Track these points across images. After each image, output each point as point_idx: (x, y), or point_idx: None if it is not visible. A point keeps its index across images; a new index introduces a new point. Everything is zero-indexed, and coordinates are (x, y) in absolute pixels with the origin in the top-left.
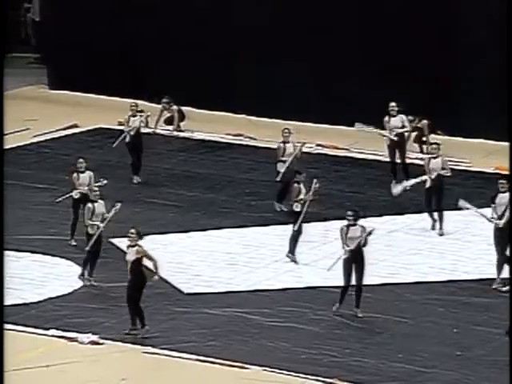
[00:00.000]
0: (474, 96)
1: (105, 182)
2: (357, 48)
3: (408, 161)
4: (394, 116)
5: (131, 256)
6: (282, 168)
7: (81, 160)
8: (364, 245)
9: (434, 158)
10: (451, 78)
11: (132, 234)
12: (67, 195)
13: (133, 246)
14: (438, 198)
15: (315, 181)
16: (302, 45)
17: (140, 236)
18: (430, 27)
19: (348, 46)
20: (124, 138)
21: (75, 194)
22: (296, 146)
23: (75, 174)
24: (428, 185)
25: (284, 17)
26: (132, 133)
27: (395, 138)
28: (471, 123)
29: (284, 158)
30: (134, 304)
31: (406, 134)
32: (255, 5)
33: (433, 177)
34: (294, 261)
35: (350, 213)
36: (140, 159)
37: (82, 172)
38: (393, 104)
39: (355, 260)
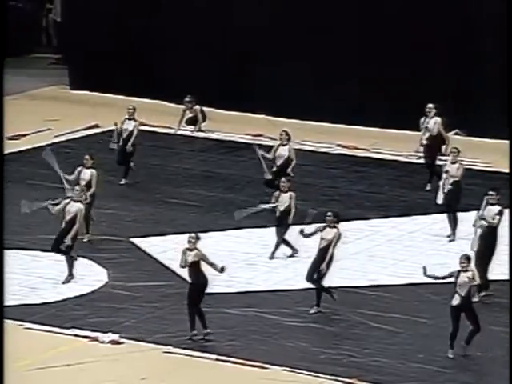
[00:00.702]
0: (494, 95)
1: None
2: (377, 49)
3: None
4: (432, 118)
5: (190, 259)
6: (266, 176)
7: (87, 157)
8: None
9: (453, 163)
10: (471, 78)
11: (192, 238)
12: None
13: (191, 250)
14: (454, 203)
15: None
16: (320, 45)
17: (198, 239)
18: (447, 25)
19: (370, 46)
20: (118, 141)
21: None
22: (291, 148)
23: (79, 168)
24: (445, 190)
25: (304, 16)
26: (124, 135)
27: (425, 142)
28: (490, 123)
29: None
30: (194, 307)
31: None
32: (277, 3)
33: (450, 182)
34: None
35: (329, 213)
36: (129, 162)
37: (87, 168)
38: (430, 105)
39: (323, 259)
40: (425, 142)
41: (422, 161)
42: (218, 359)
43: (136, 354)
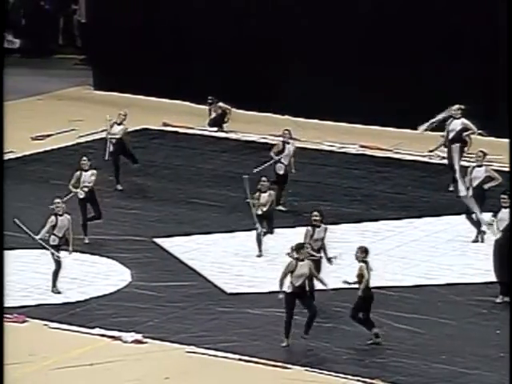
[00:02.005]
0: None
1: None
2: (401, 49)
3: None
4: (457, 119)
5: (304, 269)
6: (280, 170)
7: (84, 158)
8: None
9: (479, 166)
10: (492, 78)
11: (306, 248)
12: (71, 194)
13: (302, 260)
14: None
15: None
16: (343, 47)
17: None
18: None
19: (393, 46)
20: (109, 147)
21: (80, 194)
22: (292, 146)
23: (78, 172)
24: (470, 194)
25: (325, 18)
26: (113, 141)
27: (441, 142)
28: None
29: (278, 157)
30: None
31: (472, 136)
32: (299, 4)
33: (474, 185)
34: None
35: (316, 213)
36: (118, 167)
37: (86, 171)
38: (456, 106)
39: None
40: (447, 143)
41: (445, 161)
42: (240, 359)
43: (159, 353)
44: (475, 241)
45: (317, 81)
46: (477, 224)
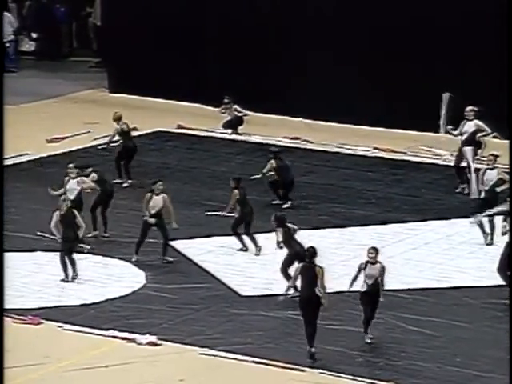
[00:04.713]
0: None
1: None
2: (419, 51)
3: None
4: (470, 120)
5: (375, 272)
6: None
7: (70, 166)
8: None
9: (491, 169)
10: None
11: (371, 252)
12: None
13: (374, 264)
14: (491, 207)
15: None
16: (357, 49)
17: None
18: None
19: (412, 49)
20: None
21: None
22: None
23: (66, 178)
24: (482, 196)
25: (340, 21)
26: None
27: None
28: None
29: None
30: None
31: (485, 138)
32: (313, 6)
33: (487, 188)
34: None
35: (371, 250)
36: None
37: (73, 178)
38: (469, 108)
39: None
40: (461, 145)
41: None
42: (254, 361)
43: (173, 355)
44: (489, 243)
45: (331, 83)
46: (489, 227)
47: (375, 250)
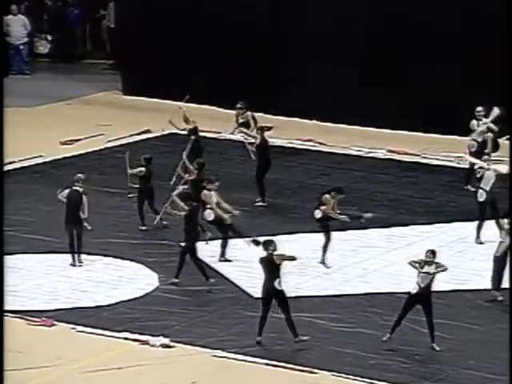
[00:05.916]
0: None
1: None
2: (429, 53)
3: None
4: (480, 120)
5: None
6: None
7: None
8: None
9: (488, 169)
10: None
11: (429, 256)
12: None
13: (430, 265)
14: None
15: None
16: (370, 51)
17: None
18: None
19: (420, 52)
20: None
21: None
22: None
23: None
24: (483, 198)
25: (351, 24)
26: None
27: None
28: None
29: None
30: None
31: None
32: (328, 8)
33: (487, 189)
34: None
35: (429, 253)
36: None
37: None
38: (479, 109)
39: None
40: (474, 148)
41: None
42: (267, 364)
43: (186, 357)
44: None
45: (344, 85)
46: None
47: (433, 252)
